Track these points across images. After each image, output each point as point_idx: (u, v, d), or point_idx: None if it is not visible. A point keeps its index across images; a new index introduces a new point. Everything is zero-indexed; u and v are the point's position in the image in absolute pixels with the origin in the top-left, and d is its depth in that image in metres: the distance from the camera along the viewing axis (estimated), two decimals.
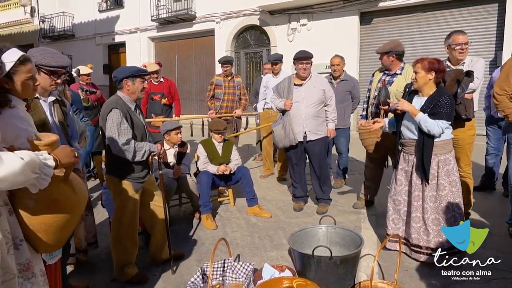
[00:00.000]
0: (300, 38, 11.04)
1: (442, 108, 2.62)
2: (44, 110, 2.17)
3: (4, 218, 1.29)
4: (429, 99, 2.70)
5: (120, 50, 15.31)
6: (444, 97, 2.65)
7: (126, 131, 2.50)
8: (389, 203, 3.00)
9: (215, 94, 5.47)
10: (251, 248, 3.20)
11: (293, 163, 4.03)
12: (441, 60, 2.73)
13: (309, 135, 3.86)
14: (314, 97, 3.82)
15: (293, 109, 3.82)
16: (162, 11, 13.22)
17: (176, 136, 3.85)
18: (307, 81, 3.87)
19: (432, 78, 2.69)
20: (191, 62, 13.76)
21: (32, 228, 1.41)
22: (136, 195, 2.63)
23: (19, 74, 1.52)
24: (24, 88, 1.56)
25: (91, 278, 2.73)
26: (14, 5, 17.43)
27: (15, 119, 1.51)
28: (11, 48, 1.56)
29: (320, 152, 3.93)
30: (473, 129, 3.33)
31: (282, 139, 3.88)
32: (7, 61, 1.49)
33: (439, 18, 9.44)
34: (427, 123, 2.62)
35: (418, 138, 2.73)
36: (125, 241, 2.64)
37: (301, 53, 3.86)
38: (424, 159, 2.68)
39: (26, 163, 1.22)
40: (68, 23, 15.81)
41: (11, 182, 1.21)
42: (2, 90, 1.48)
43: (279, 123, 3.92)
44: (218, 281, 2.46)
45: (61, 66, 2.16)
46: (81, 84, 5.27)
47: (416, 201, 2.81)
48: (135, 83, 2.59)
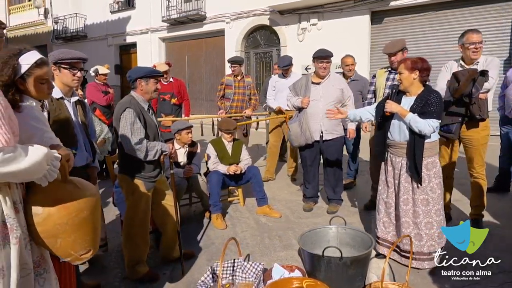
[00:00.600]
0: (310, 38, 10.99)
1: (432, 107, 2.58)
2: (69, 110, 2.28)
3: (21, 214, 1.32)
4: (418, 98, 2.65)
5: (131, 51, 15.45)
6: (433, 96, 2.61)
7: (139, 131, 2.53)
8: (380, 204, 2.91)
9: (225, 94, 5.47)
10: (261, 248, 3.20)
11: (307, 164, 4.00)
12: (425, 59, 2.70)
13: (325, 134, 3.83)
14: (332, 96, 3.80)
15: (310, 107, 3.79)
16: (172, 12, 13.30)
17: (187, 135, 3.88)
18: (325, 80, 3.84)
19: (416, 77, 2.65)
20: (202, 62, 13.82)
21: (50, 233, 1.41)
22: (148, 194, 2.66)
23: (33, 76, 1.54)
24: (38, 91, 1.58)
25: (103, 276, 2.77)
26: (29, 6, 17.75)
27: (30, 118, 1.53)
28: (31, 49, 1.58)
29: (336, 152, 3.90)
30: (487, 129, 3.28)
31: (298, 137, 3.85)
32: (23, 63, 1.52)
33: (451, 17, 9.31)
34: (417, 123, 2.56)
35: (409, 139, 2.66)
36: (137, 240, 2.67)
37: (321, 51, 3.81)
38: (416, 161, 2.61)
39: (45, 154, 1.30)
40: (81, 24, 16.02)
41: (31, 172, 1.27)
42: (17, 90, 1.52)
43: (295, 121, 3.89)
44: (228, 280, 2.47)
45: (78, 58, 2.27)
46: (98, 84, 5.37)
47: (405, 205, 2.72)
48: (148, 83, 2.63)
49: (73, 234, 1.46)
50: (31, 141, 1.47)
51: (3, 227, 1.23)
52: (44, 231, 1.40)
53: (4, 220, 1.23)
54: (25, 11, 18.00)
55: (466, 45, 3.20)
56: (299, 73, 5.52)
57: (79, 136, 2.34)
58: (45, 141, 1.57)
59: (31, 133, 1.51)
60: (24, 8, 18.07)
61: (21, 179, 1.31)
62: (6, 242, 1.23)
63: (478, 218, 3.39)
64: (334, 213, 3.82)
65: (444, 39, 9.24)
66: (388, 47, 3.69)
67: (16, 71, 1.49)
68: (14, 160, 1.20)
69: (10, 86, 1.48)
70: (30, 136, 1.49)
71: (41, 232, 1.40)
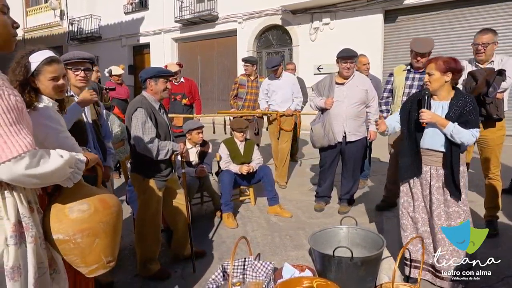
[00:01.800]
0: (322, 37, 10.95)
1: (472, 115, 2.32)
2: None
3: (36, 213, 1.34)
4: (453, 105, 2.36)
5: (144, 51, 15.63)
6: (470, 101, 2.35)
7: (150, 130, 2.56)
8: (404, 219, 2.58)
9: (238, 93, 5.52)
10: (272, 247, 3.21)
11: (326, 165, 3.96)
12: (457, 59, 2.42)
13: (349, 135, 3.77)
14: (356, 96, 3.74)
15: (333, 108, 3.75)
16: (185, 12, 13.41)
17: (197, 136, 3.91)
18: (349, 80, 3.78)
19: (448, 80, 2.36)
20: (214, 62, 13.88)
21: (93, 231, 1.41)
22: (160, 193, 2.69)
23: (43, 73, 1.59)
24: (50, 88, 1.62)
25: (115, 273, 2.81)
26: (45, 8, 18.12)
27: (45, 118, 1.56)
28: (44, 49, 1.63)
29: (357, 152, 3.86)
30: (503, 130, 3.22)
31: (320, 138, 3.81)
32: (33, 61, 1.57)
33: (467, 15, 9.15)
34: (460, 134, 2.29)
35: (445, 150, 2.38)
36: (149, 238, 2.71)
37: (345, 51, 3.73)
38: (454, 173, 2.34)
39: (66, 160, 1.32)
40: (96, 25, 16.27)
41: (55, 177, 1.31)
42: (32, 89, 1.56)
43: (318, 122, 3.86)
44: (239, 279, 2.49)
45: (78, 58, 2.30)
46: (111, 84, 5.47)
47: (439, 220, 2.42)
48: (157, 83, 2.66)
49: (109, 237, 1.46)
50: (46, 140, 1.51)
51: (19, 226, 1.25)
52: (88, 228, 1.40)
53: (20, 219, 1.26)
54: (41, 13, 18.39)
55: (472, 45, 3.18)
56: (290, 74, 5.44)
57: (89, 135, 2.38)
58: (60, 141, 1.59)
59: (45, 132, 1.53)
60: (41, 10, 18.47)
61: (45, 183, 1.32)
62: (22, 241, 1.26)
63: (492, 219, 3.33)
64: (345, 213, 3.79)
65: (459, 38, 9.09)
66: (421, 46, 3.42)
67: (28, 70, 1.55)
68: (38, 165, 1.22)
69: (25, 85, 1.53)
70: (45, 135, 1.52)
71: (85, 229, 1.40)
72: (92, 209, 1.43)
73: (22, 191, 1.28)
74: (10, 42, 1.30)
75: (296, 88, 5.10)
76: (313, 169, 5.82)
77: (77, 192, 1.45)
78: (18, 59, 1.55)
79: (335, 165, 4.00)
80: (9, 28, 1.26)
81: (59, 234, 1.39)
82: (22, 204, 1.27)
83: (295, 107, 5.05)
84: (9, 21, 1.26)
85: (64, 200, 1.44)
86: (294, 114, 5.05)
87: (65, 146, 1.64)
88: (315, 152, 4.80)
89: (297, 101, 5.08)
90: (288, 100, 5.04)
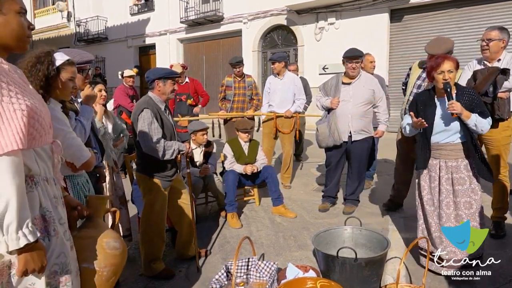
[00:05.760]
0: (328, 37, 10.91)
1: (483, 106, 2.54)
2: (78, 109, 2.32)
3: (60, 208, 1.37)
4: (459, 100, 2.48)
5: (150, 52, 15.71)
6: (475, 93, 2.57)
7: (156, 131, 2.58)
8: (430, 217, 2.62)
9: (226, 95, 5.34)
10: (276, 247, 3.20)
11: (332, 164, 3.94)
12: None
13: (354, 135, 3.76)
14: (362, 96, 3.73)
15: (339, 108, 3.74)
16: (190, 13, 13.46)
17: (202, 137, 3.92)
18: (355, 80, 3.77)
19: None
20: (219, 62, 13.91)
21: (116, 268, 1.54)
22: (165, 192, 2.71)
23: (65, 72, 1.72)
24: (64, 87, 1.72)
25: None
26: (52, 10, 18.31)
27: (52, 119, 1.59)
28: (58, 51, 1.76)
29: (363, 152, 3.83)
30: (509, 130, 3.17)
31: (325, 138, 3.80)
32: (58, 58, 1.70)
33: (474, 14, 9.05)
34: (482, 123, 2.45)
35: (466, 140, 2.52)
36: (153, 237, 2.72)
37: (350, 51, 3.72)
38: (482, 159, 2.52)
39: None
40: (102, 26, 16.40)
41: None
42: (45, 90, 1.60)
43: (323, 122, 3.85)
44: (242, 279, 2.49)
45: (87, 61, 2.32)
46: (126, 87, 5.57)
47: (448, 208, 2.54)
48: (166, 84, 2.67)
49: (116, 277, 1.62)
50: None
51: (43, 220, 1.27)
52: (116, 264, 1.53)
53: (44, 214, 1.28)
54: (49, 15, 18.58)
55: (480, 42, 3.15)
56: (293, 74, 5.10)
57: (92, 137, 2.40)
58: (68, 142, 1.65)
59: (54, 134, 1.56)
60: (48, 12, 18.66)
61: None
62: (46, 234, 1.28)
63: (500, 220, 3.29)
64: (350, 213, 3.77)
65: (466, 37, 8.98)
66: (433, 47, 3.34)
67: (52, 67, 1.63)
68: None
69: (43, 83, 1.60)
70: (55, 136, 1.55)
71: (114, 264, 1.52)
72: (121, 248, 1.55)
73: (46, 186, 1.30)
74: (25, 42, 1.33)
75: (298, 89, 4.88)
76: (319, 169, 5.81)
77: (104, 228, 1.57)
78: (40, 57, 1.60)
79: (341, 165, 3.97)
80: (25, 29, 1.30)
81: (90, 264, 1.45)
82: (46, 198, 1.30)
83: (296, 109, 4.84)
84: (26, 23, 1.29)
85: (97, 232, 1.52)
86: (293, 116, 4.83)
87: (73, 146, 1.67)
88: (321, 152, 4.78)
89: (299, 102, 4.87)
90: (287, 101, 4.82)
